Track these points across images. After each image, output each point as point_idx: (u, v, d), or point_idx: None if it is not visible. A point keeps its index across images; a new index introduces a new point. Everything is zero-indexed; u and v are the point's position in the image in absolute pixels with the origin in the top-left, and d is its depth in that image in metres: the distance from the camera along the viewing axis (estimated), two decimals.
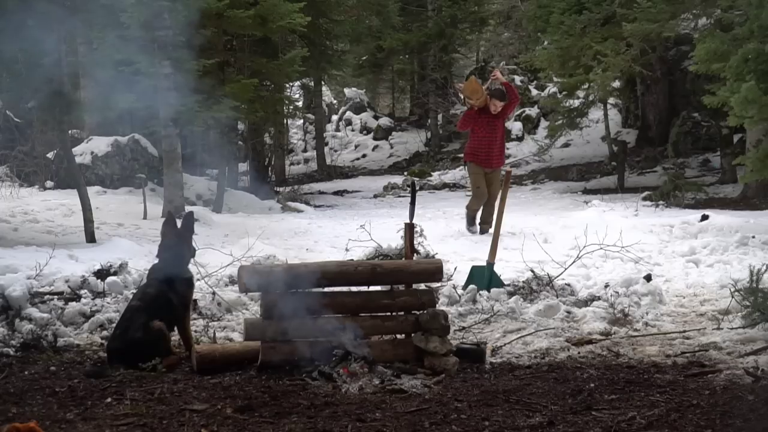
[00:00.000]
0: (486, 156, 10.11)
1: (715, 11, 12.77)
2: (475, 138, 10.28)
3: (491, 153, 10.12)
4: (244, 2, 12.67)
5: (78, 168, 10.90)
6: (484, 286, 6.56)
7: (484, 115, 10.06)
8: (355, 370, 4.46)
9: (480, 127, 10.10)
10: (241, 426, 3.77)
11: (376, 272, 4.98)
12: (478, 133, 10.15)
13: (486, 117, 10.06)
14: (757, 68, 8.41)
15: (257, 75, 14.39)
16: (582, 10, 14.28)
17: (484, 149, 10.12)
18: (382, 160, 25.70)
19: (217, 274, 6.89)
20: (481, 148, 10.14)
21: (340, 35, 20.15)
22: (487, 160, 10.12)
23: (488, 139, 10.11)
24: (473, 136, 10.33)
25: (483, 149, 10.13)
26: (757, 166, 9.26)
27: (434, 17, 24.38)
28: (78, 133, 14.87)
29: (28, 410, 3.99)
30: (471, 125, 10.31)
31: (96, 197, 11.72)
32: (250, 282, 4.70)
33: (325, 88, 26.51)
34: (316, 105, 24.27)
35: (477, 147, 10.19)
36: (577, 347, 5.23)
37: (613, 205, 12.00)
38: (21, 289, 5.59)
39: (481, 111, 10.06)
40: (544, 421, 3.79)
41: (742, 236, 8.38)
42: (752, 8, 8.90)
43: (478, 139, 10.20)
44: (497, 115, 10.10)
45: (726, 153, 14.77)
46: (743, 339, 5.18)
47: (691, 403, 4.01)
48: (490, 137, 10.12)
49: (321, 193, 18.83)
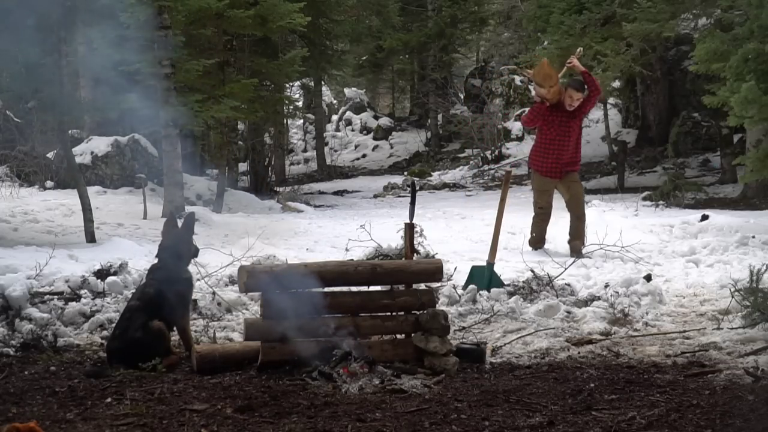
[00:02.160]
0: (554, 163, 8.36)
1: (715, 11, 12.78)
2: (542, 139, 8.48)
3: (561, 159, 8.36)
4: (244, 2, 12.69)
5: (78, 168, 10.90)
6: (484, 286, 6.56)
7: (556, 111, 8.33)
8: (355, 370, 4.46)
9: (550, 127, 8.36)
10: (241, 426, 3.77)
11: (376, 272, 4.98)
12: (547, 133, 8.39)
13: (559, 114, 8.33)
14: (757, 68, 8.42)
15: (257, 75, 14.41)
16: (582, 10, 14.29)
17: (552, 154, 8.36)
18: (382, 160, 25.72)
19: (217, 274, 6.89)
20: (548, 153, 8.38)
21: (340, 35, 20.17)
22: (554, 168, 8.38)
23: (559, 141, 8.35)
24: (541, 137, 8.53)
25: (551, 154, 8.36)
26: (757, 166, 9.27)
27: (434, 17, 24.41)
28: (78, 133, 14.88)
29: (28, 410, 3.99)
30: (539, 122, 8.51)
31: (96, 197, 11.73)
32: (250, 282, 4.69)
33: (325, 88, 26.53)
34: (316, 105, 24.29)
35: (544, 151, 8.43)
36: (577, 347, 5.23)
37: (613, 205, 12.01)
38: (21, 289, 5.58)
39: (552, 107, 8.34)
40: (544, 421, 3.79)
41: (742, 236, 8.38)
42: (752, 8, 8.91)
43: (546, 141, 8.41)
44: (573, 113, 8.34)
45: (726, 153, 14.77)
46: (743, 339, 5.18)
47: (691, 403, 4.01)
48: (562, 140, 8.35)
49: (321, 193, 18.84)
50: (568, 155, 8.37)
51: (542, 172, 8.45)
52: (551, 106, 8.30)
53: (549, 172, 8.39)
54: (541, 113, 8.38)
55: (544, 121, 8.37)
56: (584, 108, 8.44)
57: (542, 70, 8.29)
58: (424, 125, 26.72)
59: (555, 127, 8.31)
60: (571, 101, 8.24)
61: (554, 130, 8.31)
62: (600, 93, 8.64)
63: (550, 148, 8.34)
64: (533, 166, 8.65)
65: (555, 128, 8.31)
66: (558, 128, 8.30)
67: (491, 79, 24.22)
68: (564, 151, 8.33)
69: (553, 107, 8.29)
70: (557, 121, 8.30)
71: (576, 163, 8.53)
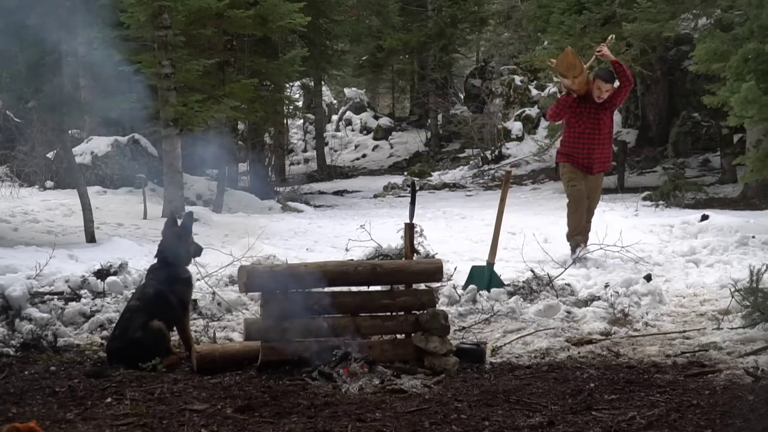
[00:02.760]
0: (586, 158, 7.84)
1: (715, 11, 12.79)
2: (571, 133, 7.93)
3: (592, 155, 7.84)
4: (244, 2, 12.69)
5: (78, 168, 10.91)
6: (484, 286, 6.56)
7: (585, 103, 7.79)
8: (355, 370, 4.46)
9: (578, 120, 7.82)
10: (241, 426, 3.76)
11: (376, 272, 4.98)
12: (576, 127, 7.86)
13: (587, 106, 7.79)
14: (757, 68, 8.43)
15: (257, 75, 14.43)
16: (582, 10, 14.29)
17: (583, 149, 7.82)
18: (382, 160, 25.72)
19: (217, 274, 6.89)
20: (579, 148, 7.84)
21: (340, 35, 20.20)
22: (586, 163, 7.87)
23: (589, 136, 7.82)
24: (569, 131, 7.97)
25: (582, 149, 7.82)
26: (757, 166, 9.27)
27: (434, 17, 24.41)
28: (78, 133, 14.89)
29: (28, 410, 3.99)
30: (566, 115, 7.94)
31: (96, 197, 11.73)
32: (250, 282, 4.69)
33: (325, 88, 26.54)
34: (316, 105, 24.30)
35: (573, 146, 7.89)
36: (577, 347, 5.23)
37: (613, 205, 12.01)
38: (21, 289, 5.58)
39: (581, 99, 7.79)
40: (544, 421, 3.79)
41: (742, 236, 8.38)
42: (752, 8, 8.91)
43: (575, 135, 7.88)
44: (603, 105, 7.80)
45: (726, 153, 14.78)
46: (743, 339, 5.18)
47: (691, 403, 4.01)
48: (592, 134, 7.82)
49: (321, 193, 18.85)
50: (599, 151, 7.87)
51: (571, 163, 7.94)
52: (579, 98, 7.76)
53: (578, 166, 7.89)
54: (567, 105, 7.82)
55: (572, 113, 7.83)
56: (615, 100, 7.84)
57: (566, 59, 7.61)
58: (424, 125, 26.72)
59: (584, 120, 7.77)
60: (599, 93, 7.71)
61: (583, 124, 7.77)
62: (632, 84, 7.92)
63: (579, 142, 7.81)
64: (561, 159, 8.05)
65: (584, 121, 7.77)
66: (587, 121, 7.77)
67: (491, 79, 24.23)
68: (594, 145, 7.82)
69: (581, 99, 7.76)
70: (585, 113, 7.77)
71: (607, 161, 8.07)
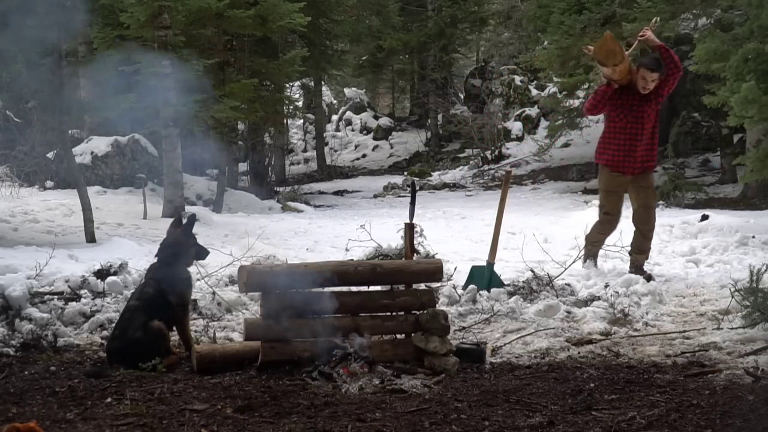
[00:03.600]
0: (626, 156, 7.12)
1: (715, 11, 12.80)
2: (611, 128, 7.21)
3: (633, 152, 7.10)
4: (244, 2, 12.69)
5: (78, 168, 10.91)
6: (484, 286, 6.56)
7: (627, 95, 7.05)
8: (355, 370, 4.46)
9: (619, 113, 7.09)
10: (241, 426, 3.76)
11: (376, 272, 4.98)
12: (617, 121, 7.13)
13: (630, 98, 7.04)
14: (757, 68, 8.44)
15: (257, 75, 14.43)
16: (582, 10, 14.32)
17: (623, 146, 7.11)
18: (382, 160, 25.73)
19: (217, 274, 6.89)
20: (619, 145, 7.13)
21: (340, 35, 20.21)
22: (626, 163, 7.14)
23: (631, 130, 7.08)
24: (609, 126, 7.25)
25: (622, 146, 7.11)
26: (757, 166, 9.29)
27: (434, 17, 24.42)
28: (78, 133, 14.90)
29: (28, 410, 3.99)
30: (605, 108, 7.20)
31: (96, 197, 11.74)
32: (250, 282, 4.69)
33: (325, 88, 26.55)
34: (316, 105, 24.31)
35: (613, 142, 7.17)
36: (577, 347, 5.23)
37: None
38: (21, 289, 5.58)
39: (623, 90, 7.05)
40: (544, 421, 3.79)
41: (742, 236, 8.38)
42: (752, 8, 8.92)
43: (615, 129, 7.16)
44: (648, 96, 7.01)
45: (726, 153, 14.78)
46: (743, 339, 5.18)
47: (691, 403, 4.01)
48: (635, 128, 7.07)
49: (321, 193, 18.86)
50: (643, 147, 7.10)
51: (611, 166, 7.17)
52: (620, 89, 7.03)
53: (619, 166, 7.13)
54: (607, 97, 7.04)
55: (612, 106, 7.08)
56: (662, 91, 7.03)
57: (605, 45, 6.87)
58: (424, 125, 26.72)
59: (626, 113, 7.03)
60: (644, 83, 6.94)
61: (625, 117, 7.04)
62: (681, 72, 7.06)
63: (620, 138, 7.08)
64: (600, 160, 7.32)
65: (626, 114, 7.04)
66: (629, 115, 7.03)
67: (491, 79, 24.25)
68: (637, 141, 7.07)
69: (623, 89, 7.02)
70: (628, 105, 7.02)
71: (652, 159, 7.25)
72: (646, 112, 7.04)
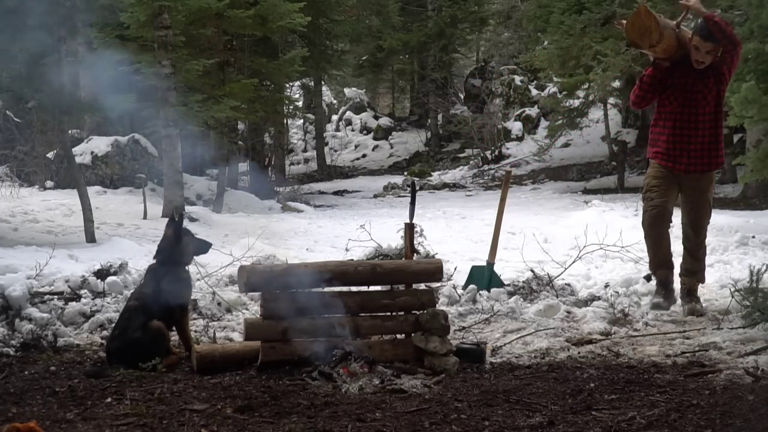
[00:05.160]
0: (681, 149, 5.76)
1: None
2: (660, 113, 5.85)
3: (688, 144, 5.74)
4: (244, 2, 12.70)
5: (78, 168, 10.91)
6: (484, 286, 6.56)
7: (680, 72, 5.69)
8: (355, 370, 4.45)
9: (669, 94, 5.73)
10: (241, 426, 3.76)
11: (376, 272, 4.98)
12: (666, 104, 5.77)
13: (684, 76, 5.68)
14: (757, 68, 8.45)
15: (257, 75, 14.44)
16: (582, 10, 14.32)
17: (673, 135, 5.75)
18: (382, 160, 25.73)
19: (217, 274, 6.89)
20: (668, 135, 5.77)
21: (340, 35, 20.21)
22: (678, 156, 5.79)
23: (684, 116, 5.71)
24: (659, 112, 5.88)
25: (673, 135, 5.74)
26: (757, 166, 9.29)
27: (434, 17, 24.42)
28: (78, 133, 14.90)
29: (28, 410, 3.98)
30: (655, 97, 5.83)
31: (96, 197, 11.74)
32: (250, 282, 4.69)
33: (325, 88, 26.55)
34: (316, 105, 24.31)
35: (662, 131, 5.83)
36: (577, 347, 5.23)
37: (613, 205, 12.01)
38: (21, 289, 5.58)
39: (675, 67, 5.69)
40: (544, 421, 3.79)
41: (742, 236, 8.38)
42: (752, 8, 8.93)
43: (664, 115, 5.80)
44: (705, 73, 5.62)
45: (726, 153, 14.77)
46: (743, 339, 5.18)
47: (691, 403, 4.01)
48: (688, 113, 5.71)
49: (321, 193, 18.86)
50: (699, 140, 5.72)
51: (660, 157, 5.85)
52: (672, 66, 5.68)
53: (670, 159, 5.79)
54: (656, 82, 5.71)
55: (662, 89, 5.72)
56: (721, 68, 5.63)
57: (637, 20, 5.57)
58: (424, 125, 26.73)
59: (677, 94, 5.68)
60: (698, 55, 5.55)
61: (676, 99, 5.68)
62: (738, 46, 5.62)
63: (670, 125, 5.75)
64: (648, 154, 6.04)
65: (676, 97, 5.68)
66: (680, 97, 5.67)
67: (491, 79, 24.26)
68: (693, 131, 5.70)
69: (675, 66, 5.68)
70: (680, 84, 5.67)
71: (713, 157, 5.83)
72: (703, 93, 5.67)
